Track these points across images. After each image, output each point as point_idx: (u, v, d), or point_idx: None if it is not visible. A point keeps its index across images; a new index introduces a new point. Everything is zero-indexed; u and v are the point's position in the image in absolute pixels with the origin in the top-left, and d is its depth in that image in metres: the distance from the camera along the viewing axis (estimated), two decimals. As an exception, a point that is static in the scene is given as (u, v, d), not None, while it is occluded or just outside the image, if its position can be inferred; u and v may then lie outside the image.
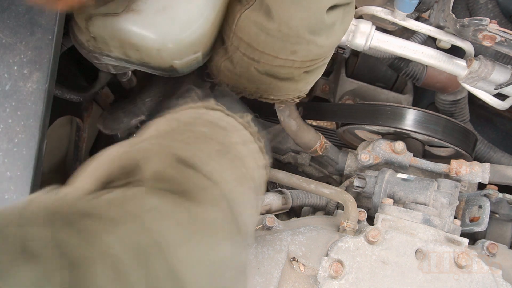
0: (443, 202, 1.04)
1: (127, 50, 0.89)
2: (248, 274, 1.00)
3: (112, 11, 0.84)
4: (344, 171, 1.25)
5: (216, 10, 0.88)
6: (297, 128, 1.22)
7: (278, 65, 0.91)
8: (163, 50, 0.87)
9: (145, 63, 0.92)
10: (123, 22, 0.84)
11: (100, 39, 0.88)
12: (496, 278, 0.95)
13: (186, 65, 0.93)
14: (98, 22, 0.85)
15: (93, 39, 0.88)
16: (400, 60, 1.26)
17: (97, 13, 0.84)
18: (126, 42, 0.87)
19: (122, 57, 0.92)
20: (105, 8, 0.84)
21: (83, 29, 0.86)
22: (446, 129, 1.14)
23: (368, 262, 0.98)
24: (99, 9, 0.84)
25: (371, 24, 1.09)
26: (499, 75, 1.04)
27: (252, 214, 0.66)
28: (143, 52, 0.89)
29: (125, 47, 0.88)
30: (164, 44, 0.86)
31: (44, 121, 0.70)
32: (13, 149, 0.68)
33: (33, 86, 0.70)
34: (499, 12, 1.22)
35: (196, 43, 0.90)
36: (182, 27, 0.85)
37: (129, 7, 0.84)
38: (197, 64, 0.96)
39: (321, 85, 1.52)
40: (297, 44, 0.87)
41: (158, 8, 0.84)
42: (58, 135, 1.19)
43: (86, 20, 0.84)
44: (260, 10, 0.85)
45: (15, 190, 0.68)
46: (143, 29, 0.84)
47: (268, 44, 0.88)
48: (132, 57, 0.91)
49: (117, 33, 0.85)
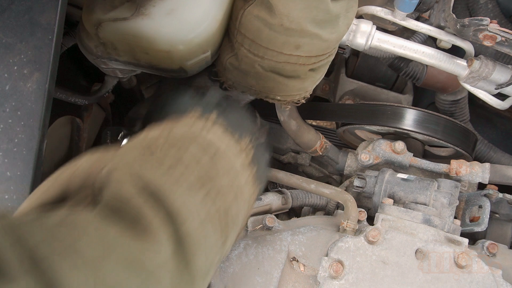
0: (443, 202, 1.04)
1: (136, 54, 0.89)
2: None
3: (121, 16, 0.84)
4: (344, 171, 1.25)
5: (223, 9, 0.89)
6: (297, 128, 1.22)
7: (282, 61, 0.91)
8: (173, 52, 0.87)
9: (154, 65, 0.92)
10: (133, 27, 0.84)
11: (109, 45, 0.88)
12: (496, 278, 0.95)
13: (196, 65, 0.93)
14: (107, 28, 0.85)
15: (102, 44, 0.88)
16: (400, 60, 1.26)
17: (107, 18, 0.84)
18: (136, 46, 0.87)
19: (131, 61, 0.92)
20: (114, 13, 0.84)
21: (92, 35, 0.86)
22: (446, 129, 1.14)
23: (368, 262, 0.98)
24: (108, 14, 0.84)
25: (371, 23, 1.09)
26: (500, 75, 1.04)
27: (217, 253, 0.62)
28: (152, 55, 0.89)
29: (134, 51, 0.88)
30: (174, 46, 0.87)
31: (44, 121, 0.70)
32: (13, 149, 0.68)
33: (33, 86, 0.70)
34: (499, 12, 1.22)
35: (206, 43, 0.90)
36: (191, 28, 0.86)
37: (138, 11, 0.84)
38: (206, 64, 0.96)
39: (321, 85, 1.52)
40: (300, 38, 0.86)
41: (166, 11, 0.84)
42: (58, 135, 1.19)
43: (96, 26, 0.85)
44: (262, 5, 0.85)
45: (15, 190, 0.68)
46: (153, 32, 0.85)
47: (272, 40, 0.88)
48: (141, 60, 0.91)
49: (127, 38, 0.85)
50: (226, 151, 0.68)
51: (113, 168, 0.56)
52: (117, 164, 0.57)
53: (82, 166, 0.59)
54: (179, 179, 0.58)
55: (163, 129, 0.67)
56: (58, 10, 0.73)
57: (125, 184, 0.54)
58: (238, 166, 0.69)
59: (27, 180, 0.68)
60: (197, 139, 0.66)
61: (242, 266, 1.04)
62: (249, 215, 0.72)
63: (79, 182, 0.56)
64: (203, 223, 0.58)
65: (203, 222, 0.58)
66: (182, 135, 0.66)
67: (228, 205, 0.64)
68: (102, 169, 0.56)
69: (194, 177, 0.60)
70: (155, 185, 0.55)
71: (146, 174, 0.56)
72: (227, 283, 1.03)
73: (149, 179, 0.56)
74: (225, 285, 1.03)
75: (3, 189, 0.68)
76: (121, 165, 0.57)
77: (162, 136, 0.64)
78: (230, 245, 0.67)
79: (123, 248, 0.48)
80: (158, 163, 0.59)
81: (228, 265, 1.04)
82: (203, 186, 0.60)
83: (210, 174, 0.62)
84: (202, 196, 0.59)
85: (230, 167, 0.67)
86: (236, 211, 0.66)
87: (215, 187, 0.62)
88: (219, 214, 0.62)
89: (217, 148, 0.67)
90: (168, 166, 0.59)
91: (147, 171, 0.57)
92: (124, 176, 0.55)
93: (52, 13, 0.73)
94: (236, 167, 0.68)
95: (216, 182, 0.63)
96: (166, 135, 0.65)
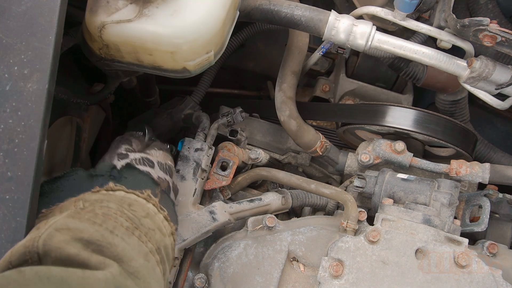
0: (443, 202, 1.04)
1: (140, 55, 0.89)
2: None
3: (124, 18, 0.84)
4: (344, 171, 1.25)
5: (226, 9, 0.89)
6: (297, 128, 1.22)
7: None
8: (177, 52, 0.88)
9: (158, 66, 0.92)
10: (136, 28, 0.85)
11: (113, 46, 0.88)
12: (496, 278, 0.95)
13: (199, 65, 0.94)
14: (111, 30, 0.85)
15: (106, 46, 0.88)
16: (400, 60, 1.26)
17: (110, 21, 0.84)
18: (140, 47, 0.87)
19: (134, 63, 0.92)
20: (118, 15, 0.85)
21: (96, 37, 0.87)
22: (446, 129, 1.14)
23: (368, 262, 0.98)
24: (112, 16, 0.84)
25: (371, 24, 1.09)
26: (500, 75, 1.04)
27: (162, 284, 0.71)
28: (156, 56, 0.89)
29: (138, 52, 0.89)
30: (178, 47, 0.87)
31: (44, 122, 0.70)
32: (14, 149, 0.68)
33: (33, 86, 0.70)
34: (499, 12, 1.22)
35: (209, 43, 0.90)
36: (194, 29, 0.86)
37: (141, 12, 0.84)
38: (208, 64, 0.96)
39: (321, 85, 1.52)
40: None
41: (170, 12, 0.84)
42: (58, 135, 1.19)
43: (99, 29, 0.85)
44: None
45: (16, 190, 0.68)
46: (157, 33, 0.85)
47: None
48: (145, 61, 0.91)
49: (131, 40, 0.86)
50: (138, 200, 0.78)
51: (50, 235, 0.62)
52: (52, 230, 0.63)
53: (17, 245, 0.63)
54: (113, 230, 0.66)
55: (77, 199, 0.74)
56: (58, 10, 0.73)
57: (68, 245, 0.61)
58: (151, 210, 0.78)
59: (28, 180, 0.68)
60: (110, 196, 0.76)
61: (242, 266, 1.04)
62: (174, 248, 0.83)
63: (19, 255, 0.60)
64: (146, 257, 0.68)
65: (146, 257, 0.68)
66: (98, 197, 0.75)
67: (159, 241, 0.73)
68: (38, 240, 0.61)
69: (124, 225, 0.69)
70: (96, 239, 0.63)
71: (86, 236, 0.63)
72: (227, 283, 1.03)
73: (88, 236, 0.63)
74: (225, 285, 1.03)
75: (4, 189, 0.68)
76: (57, 229, 0.63)
77: (79, 204, 0.72)
78: (168, 276, 0.77)
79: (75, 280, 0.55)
80: (91, 219, 0.66)
81: (228, 265, 1.04)
82: (134, 230, 0.69)
83: (135, 220, 0.71)
84: (137, 239, 0.69)
85: (147, 211, 0.76)
86: (166, 245, 0.76)
87: (144, 229, 0.71)
88: (156, 249, 0.71)
89: (130, 199, 0.76)
90: (101, 221, 0.67)
91: (86, 234, 0.64)
92: (64, 237, 0.62)
93: (52, 13, 0.73)
94: (150, 211, 0.77)
95: (143, 225, 0.72)
96: (82, 203, 0.72)
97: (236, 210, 1.09)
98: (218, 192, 1.15)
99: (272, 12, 1.07)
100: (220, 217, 1.05)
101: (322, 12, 1.07)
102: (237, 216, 1.09)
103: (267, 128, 1.35)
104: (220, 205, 1.06)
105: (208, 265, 1.05)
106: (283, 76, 1.26)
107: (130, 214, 0.72)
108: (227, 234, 1.10)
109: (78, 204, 0.71)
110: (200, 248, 1.12)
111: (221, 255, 1.05)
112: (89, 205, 0.71)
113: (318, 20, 1.06)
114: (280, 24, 1.09)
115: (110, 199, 0.74)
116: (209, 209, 1.05)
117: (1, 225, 0.67)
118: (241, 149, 1.19)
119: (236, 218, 1.09)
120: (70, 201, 0.73)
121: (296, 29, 1.10)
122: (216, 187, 1.12)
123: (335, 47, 1.38)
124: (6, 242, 0.67)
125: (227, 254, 1.05)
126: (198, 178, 1.06)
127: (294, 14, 1.06)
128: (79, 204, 0.71)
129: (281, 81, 1.25)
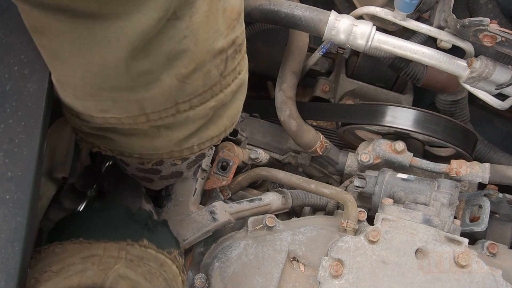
0: (443, 202, 1.04)
1: None
2: None
3: None
4: (344, 171, 1.25)
5: None
6: (297, 128, 1.22)
7: (102, 122, 0.75)
8: None
9: None
10: None
11: None
12: (496, 278, 0.95)
13: None
14: None
15: None
16: (400, 60, 1.26)
17: None
18: None
19: None
20: None
21: None
22: (446, 129, 1.14)
23: (368, 262, 0.98)
24: None
25: (371, 24, 1.09)
26: (500, 75, 1.04)
27: None
28: None
29: None
30: None
31: (44, 121, 0.70)
32: (14, 149, 0.68)
33: (33, 86, 0.70)
34: (499, 12, 1.22)
35: None
36: None
37: None
38: None
39: (321, 85, 1.52)
40: (98, 102, 0.70)
41: None
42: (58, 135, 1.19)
43: None
44: None
45: (16, 190, 0.68)
46: None
47: (75, 107, 0.74)
48: None
49: None
50: (166, 261, 0.88)
51: (116, 280, 0.74)
52: (117, 276, 0.75)
53: (86, 276, 0.74)
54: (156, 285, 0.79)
55: (121, 248, 0.83)
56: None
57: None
58: (175, 272, 0.88)
59: (28, 180, 0.68)
60: (148, 254, 0.86)
61: (242, 266, 1.04)
62: None
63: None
64: None
65: None
66: (137, 254, 0.85)
67: None
68: (106, 281, 0.73)
69: (162, 285, 0.81)
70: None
71: (141, 285, 0.76)
72: (227, 283, 1.03)
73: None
74: (225, 285, 1.03)
75: (4, 190, 0.68)
76: (121, 277, 0.75)
77: (123, 249, 0.83)
78: None
79: None
80: (143, 275, 0.78)
81: (228, 265, 1.04)
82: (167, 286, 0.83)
83: (169, 282, 0.84)
84: None
85: (173, 273, 0.87)
86: None
87: None
88: None
89: (161, 259, 0.87)
90: (149, 278, 0.79)
91: (141, 284, 0.76)
92: (127, 286, 0.74)
93: (53, 14, 0.72)
94: (175, 273, 0.88)
95: (173, 287, 0.85)
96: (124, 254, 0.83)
97: (236, 210, 1.09)
98: (218, 192, 1.15)
99: (272, 12, 1.07)
100: (220, 217, 1.05)
101: (322, 12, 1.07)
102: (237, 216, 1.09)
103: (267, 128, 1.35)
104: (220, 205, 1.06)
105: (208, 265, 1.05)
106: (283, 76, 1.26)
107: (165, 275, 0.83)
108: (227, 234, 1.10)
109: (122, 254, 0.80)
110: (200, 248, 1.12)
111: (221, 255, 1.05)
112: (136, 259, 0.81)
113: (318, 20, 1.06)
114: (280, 24, 1.09)
115: (149, 258, 0.83)
116: (209, 209, 1.05)
117: (1, 225, 0.67)
118: (241, 149, 1.19)
119: (236, 218, 1.09)
120: (114, 245, 0.81)
121: (296, 29, 1.10)
122: (216, 187, 1.12)
123: (335, 47, 1.38)
124: (6, 242, 0.67)
125: (227, 254, 1.05)
126: (198, 178, 1.06)
127: (294, 14, 1.07)
128: (122, 254, 0.80)
129: (281, 81, 1.26)
